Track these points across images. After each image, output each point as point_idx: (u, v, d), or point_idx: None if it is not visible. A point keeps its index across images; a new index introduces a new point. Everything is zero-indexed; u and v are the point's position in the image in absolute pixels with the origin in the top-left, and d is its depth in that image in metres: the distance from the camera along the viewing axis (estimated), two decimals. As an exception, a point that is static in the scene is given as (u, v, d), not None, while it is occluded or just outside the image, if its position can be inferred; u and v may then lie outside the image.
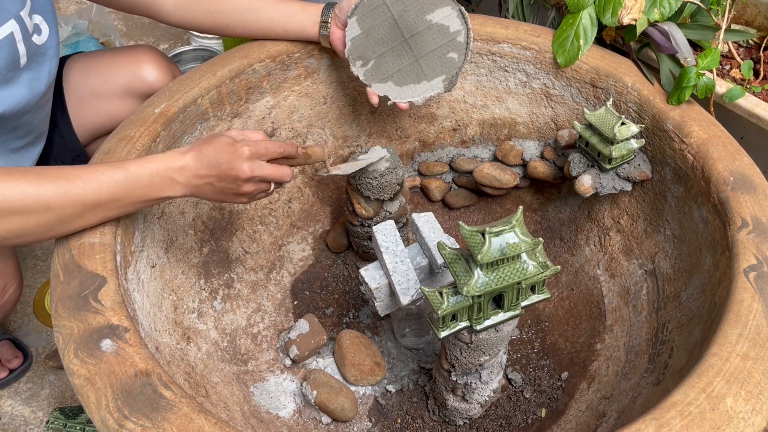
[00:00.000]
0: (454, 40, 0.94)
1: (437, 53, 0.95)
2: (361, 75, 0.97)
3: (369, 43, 0.96)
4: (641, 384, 0.83)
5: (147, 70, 1.08)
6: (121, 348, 0.63)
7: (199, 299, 0.96)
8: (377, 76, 0.97)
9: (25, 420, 1.12)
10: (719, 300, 0.73)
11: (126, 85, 1.08)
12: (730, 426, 0.57)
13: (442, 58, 0.95)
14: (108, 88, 1.08)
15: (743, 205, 0.76)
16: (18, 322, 1.26)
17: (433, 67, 0.95)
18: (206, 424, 0.57)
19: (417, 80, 0.96)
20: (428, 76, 0.96)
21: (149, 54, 1.10)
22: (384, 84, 0.97)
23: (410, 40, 0.95)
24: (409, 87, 0.96)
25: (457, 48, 0.95)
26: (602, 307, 1.01)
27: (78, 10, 1.83)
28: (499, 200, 1.20)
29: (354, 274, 1.14)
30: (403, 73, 0.96)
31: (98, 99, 1.09)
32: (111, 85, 1.08)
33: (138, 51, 1.11)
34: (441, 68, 0.95)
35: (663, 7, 0.92)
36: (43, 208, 0.65)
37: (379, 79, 0.97)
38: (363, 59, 0.96)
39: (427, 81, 0.96)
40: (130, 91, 1.09)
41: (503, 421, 0.94)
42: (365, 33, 0.95)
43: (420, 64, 0.95)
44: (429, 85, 0.96)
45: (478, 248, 0.64)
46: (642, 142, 0.92)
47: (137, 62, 1.09)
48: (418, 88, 0.96)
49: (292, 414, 0.95)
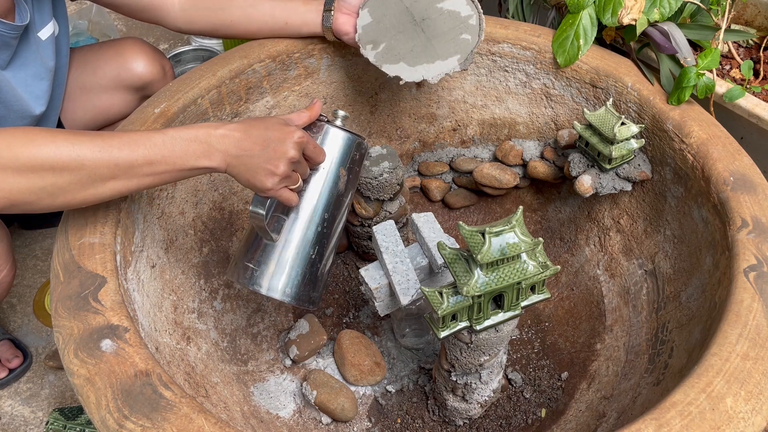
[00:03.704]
0: (466, 23, 0.95)
1: (450, 35, 0.95)
2: (372, 57, 0.96)
3: (380, 30, 0.96)
4: (641, 384, 0.83)
5: (134, 62, 1.08)
6: (121, 348, 0.63)
7: (199, 299, 0.96)
8: (389, 58, 0.96)
9: (25, 420, 1.12)
10: (719, 300, 0.73)
11: (114, 77, 1.08)
12: (730, 426, 0.57)
13: (456, 39, 0.94)
14: (96, 82, 1.08)
15: (743, 205, 0.76)
16: (18, 322, 1.26)
17: (447, 47, 0.95)
18: (206, 424, 0.57)
19: (430, 59, 0.94)
20: (442, 56, 0.94)
21: (135, 45, 1.10)
22: (395, 65, 0.95)
23: (422, 23, 0.95)
24: (423, 66, 0.95)
25: (470, 30, 0.94)
26: (602, 307, 1.01)
27: (78, 10, 1.83)
28: (499, 200, 1.20)
29: (354, 274, 1.14)
30: (416, 53, 0.95)
31: (87, 93, 1.09)
32: (99, 79, 1.08)
33: (124, 43, 1.11)
34: (455, 48, 0.94)
35: (663, 7, 0.92)
36: (77, 165, 0.64)
37: (390, 61, 0.96)
38: (374, 43, 0.96)
39: (441, 60, 0.94)
40: (119, 84, 1.09)
41: (503, 421, 0.94)
42: (376, 21, 0.96)
43: (433, 44, 0.95)
44: (444, 63, 0.94)
45: (478, 248, 0.64)
46: (642, 142, 0.92)
47: (124, 54, 1.09)
48: (432, 68, 0.94)
49: (292, 414, 0.95)
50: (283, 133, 0.73)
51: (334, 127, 0.83)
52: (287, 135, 0.73)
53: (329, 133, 0.83)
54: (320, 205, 0.82)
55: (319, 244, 0.82)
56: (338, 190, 0.83)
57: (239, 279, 0.81)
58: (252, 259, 0.81)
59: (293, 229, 0.81)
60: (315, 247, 0.82)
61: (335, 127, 0.83)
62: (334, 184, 0.82)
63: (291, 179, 0.75)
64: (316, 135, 0.82)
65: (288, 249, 0.80)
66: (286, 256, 0.80)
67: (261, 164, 0.72)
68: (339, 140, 0.83)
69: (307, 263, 0.81)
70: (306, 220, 0.81)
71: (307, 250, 0.81)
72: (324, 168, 0.82)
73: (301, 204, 0.81)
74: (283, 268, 0.80)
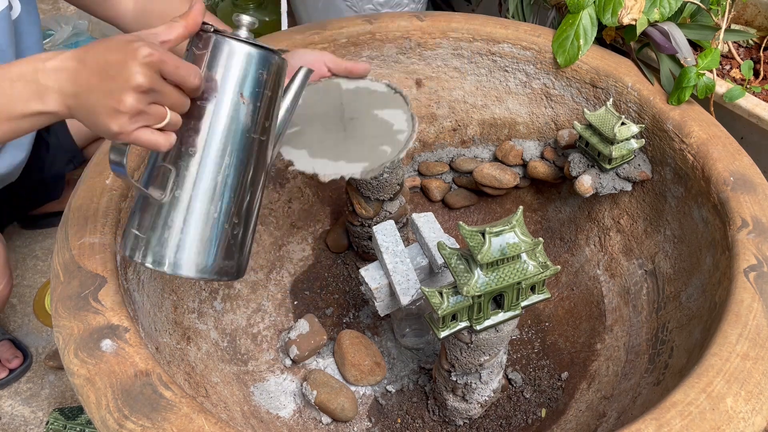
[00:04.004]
0: (393, 137, 0.86)
1: (371, 141, 0.86)
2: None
3: (303, 114, 0.88)
4: (641, 384, 0.83)
5: None
6: (121, 348, 0.63)
7: (199, 299, 0.96)
8: (296, 143, 0.86)
9: (25, 420, 1.12)
10: (719, 300, 0.73)
11: None
12: (730, 426, 0.57)
13: (374, 148, 0.85)
14: None
15: (743, 205, 0.76)
16: (18, 322, 1.26)
17: (360, 152, 0.85)
18: (206, 424, 0.57)
19: (335, 158, 0.84)
20: (349, 158, 0.84)
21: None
22: (297, 150, 0.85)
23: (348, 122, 0.88)
24: (322, 161, 0.83)
25: (394, 144, 0.85)
26: (602, 307, 1.01)
27: (78, 10, 1.83)
28: (499, 200, 1.20)
29: (354, 274, 1.14)
30: (324, 147, 0.85)
31: None
32: None
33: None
34: (368, 156, 0.84)
35: (663, 7, 0.92)
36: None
37: (294, 145, 0.86)
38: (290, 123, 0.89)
39: (346, 162, 0.83)
40: None
41: (503, 421, 0.94)
42: (305, 104, 0.88)
43: (347, 144, 0.85)
44: (347, 166, 0.83)
45: (478, 248, 0.64)
46: (642, 142, 0.92)
47: None
48: (331, 165, 0.83)
49: (292, 414, 0.95)
50: (125, 54, 0.53)
51: (226, 38, 0.61)
52: (129, 55, 0.53)
53: (219, 46, 0.61)
54: (214, 146, 0.62)
55: (222, 199, 0.63)
56: (241, 124, 0.62)
57: (125, 249, 0.64)
58: (137, 224, 0.63)
59: (182, 182, 0.62)
60: (218, 203, 0.63)
61: (228, 37, 0.61)
62: (233, 117, 0.62)
63: (151, 115, 0.55)
64: (202, 52, 0.61)
65: (177, 208, 0.62)
66: (174, 218, 0.62)
67: (100, 100, 0.54)
68: (233, 56, 0.61)
69: (208, 224, 0.63)
70: (196, 169, 0.62)
71: (206, 207, 0.63)
72: (215, 95, 0.61)
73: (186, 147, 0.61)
74: (174, 232, 0.62)
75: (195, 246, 0.63)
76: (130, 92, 0.53)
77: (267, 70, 0.63)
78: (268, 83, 0.64)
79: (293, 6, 1.60)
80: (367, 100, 0.91)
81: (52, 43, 1.74)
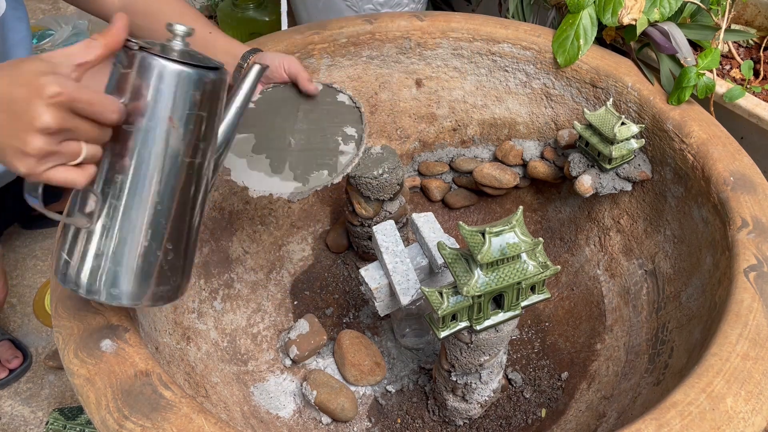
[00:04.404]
0: (336, 158, 0.84)
1: (311, 160, 0.84)
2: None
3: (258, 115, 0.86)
4: (641, 384, 0.83)
5: None
6: (121, 348, 0.63)
7: (199, 299, 0.96)
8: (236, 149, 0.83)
9: (25, 420, 1.12)
10: (719, 300, 0.73)
11: None
12: (730, 426, 0.57)
13: (311, 169, 0.83)
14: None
15: (743, 205, 0.76)
16: (18, 322, 1.26)
17: (296, 170, 0.82)
18: (206, 424, 0.57)
19: (270, 173, 0.81)
20: (284, 176, 0.81)
21: None
22: (239, 159, 0.82)
23: (297, 133, 0.85)
24: (257, 175, 0.81)
25: (332, 167, 0.83)
26: (602, 307, 1.01)
27: (78, 10, 1.83)
28: (499, 200, 1.20)
29: (354, 274, 1.14)
30: (262, 160, 0.83)
31: None
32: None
33: None
34: (302, 175, 0.82)
35: (663, 7, 0.92)
36: None
37: (235, 152, 0.83)
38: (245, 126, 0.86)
39: (280, 180, 0.81)
40: None
41: (503, 421, 0.94)
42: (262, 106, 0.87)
43: (287, 159, 0.83)
44: (277, 184, 0.81)
45: (478, 248, 0.64)
46: (642, 142, 0.92)
47: None
48: (265, 182, 0.80)
49: (292, 414, 0.95)
50: (29, 90, 0.47)
51: (154, 57, 0.55)
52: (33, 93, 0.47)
53: (145, 65, 0.54)
54: (142, 173, 0.56)
55: (153, 227, 0.58)
56: (172, 149, 0.57)
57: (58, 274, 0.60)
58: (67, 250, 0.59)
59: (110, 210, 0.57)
60: (148, 231, 0.58)
61: (156, 55, 0.55)
62: (162, 142, 0.56)
63: (63, 154, 0.50)
64: (127, 71, 0.55)
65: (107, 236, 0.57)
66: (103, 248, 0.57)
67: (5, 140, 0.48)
68: (162, 77, 0.55)
69: (139, 253, 0.58)
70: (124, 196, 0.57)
71: (136, 236, 0.58)
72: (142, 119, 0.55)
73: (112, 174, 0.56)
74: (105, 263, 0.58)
75: (127, 276, 0.59)
76: (35, 134, 0.47)
77: (200, 90, 0.57)
78: (202, 104, 0.58)
79: (293, 6, 1.60)
80: (324, 112, 0.88)
81: (52, 43, 1.74)
